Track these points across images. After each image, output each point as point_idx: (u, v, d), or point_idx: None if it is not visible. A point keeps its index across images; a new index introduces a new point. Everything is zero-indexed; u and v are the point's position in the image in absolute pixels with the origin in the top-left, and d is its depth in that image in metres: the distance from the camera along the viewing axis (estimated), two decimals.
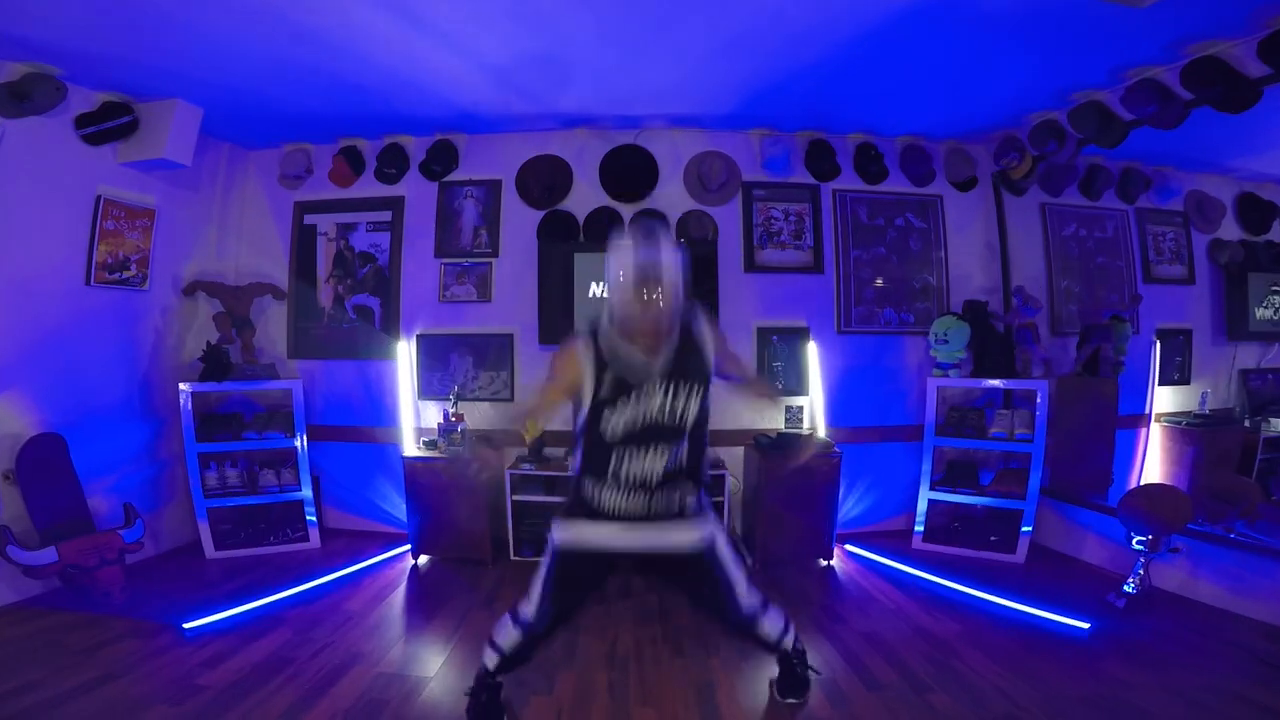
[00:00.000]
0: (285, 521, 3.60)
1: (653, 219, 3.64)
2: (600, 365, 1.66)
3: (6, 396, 2.79)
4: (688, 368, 1.68)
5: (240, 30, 2.54)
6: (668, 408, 1.67)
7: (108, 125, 3.04)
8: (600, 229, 3.64)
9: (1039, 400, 3.34)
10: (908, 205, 3.87)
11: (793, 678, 2.05)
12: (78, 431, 2.98)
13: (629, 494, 1.73)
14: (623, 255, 1.62)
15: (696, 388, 1.69)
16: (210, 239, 3.78)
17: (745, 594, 1.85)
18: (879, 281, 3.85)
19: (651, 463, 1.70)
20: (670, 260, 1.61)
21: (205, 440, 3.42)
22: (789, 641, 1.98)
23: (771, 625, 1.92)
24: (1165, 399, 3.68)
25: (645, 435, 1.68)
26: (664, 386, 1.66)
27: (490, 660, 1.91)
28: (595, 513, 1.77)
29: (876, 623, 2.64)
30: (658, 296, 1.59)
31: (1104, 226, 3.85)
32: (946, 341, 3.55)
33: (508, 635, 1.88)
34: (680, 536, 1.77)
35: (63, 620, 2.58)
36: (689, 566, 1.80)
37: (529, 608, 1.84)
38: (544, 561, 1.84)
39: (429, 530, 3.33)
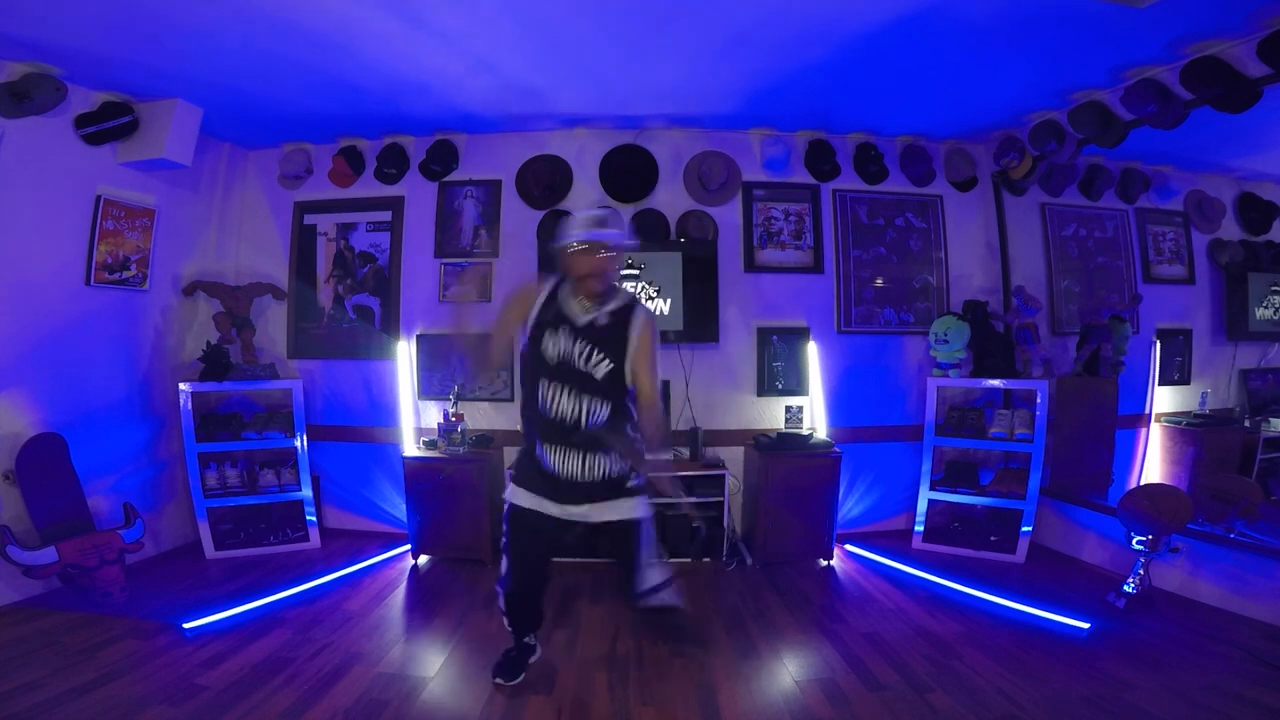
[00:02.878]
0: (285, 521, 3.60)
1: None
2: (550, 301, 1.95)
3: (6, 396, 2.79)
4: (605, 337, 1.90)
5: (240, 30, 2.54)
6: (581, 355, 1.89)
7: (108, 125, 3.04)
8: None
9: (1039, 400, 3.34)
10: (908, 205, 3.87)
11: (659, 622, 2.20)
12: (78, 431, 2.98)
13: (565, 451, 1.92)
14: (581, 219, 1.92)
15: (606, 357, 1.89)
16: (210, 239, 3.78)
17: (651, 577, 2.00)
18: (879, 281, 3.85)
19: (573, 405, 1.89)
20: (616, 233, 1.91)
21: (205, 440, 3.43)
22: (665, 598, 2.03)
23: (661, 598, 2.02)
24: (1165, 399, 3.67)
25: (566, 374, 1.89)
26: (582, 338, 1.89)
27: (506, 623, 2.18)
28: (542, 475, 1.97)
29: (876, 623, 2.64)
30: (600, 255, 1.86)
31: (1104, 226, 3.85)
32: (946, 341, 3.55)
33: (499, 599, 2.13)
34: (617, 510, 1.96)
35: (63, 620, 2.58)
36: (615, 536, 2.00)
37: (501, 569, 2.09)
38: (504, 519, 2.07)
39: (429, 530, 3.33)
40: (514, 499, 2.04)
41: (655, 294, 3.56)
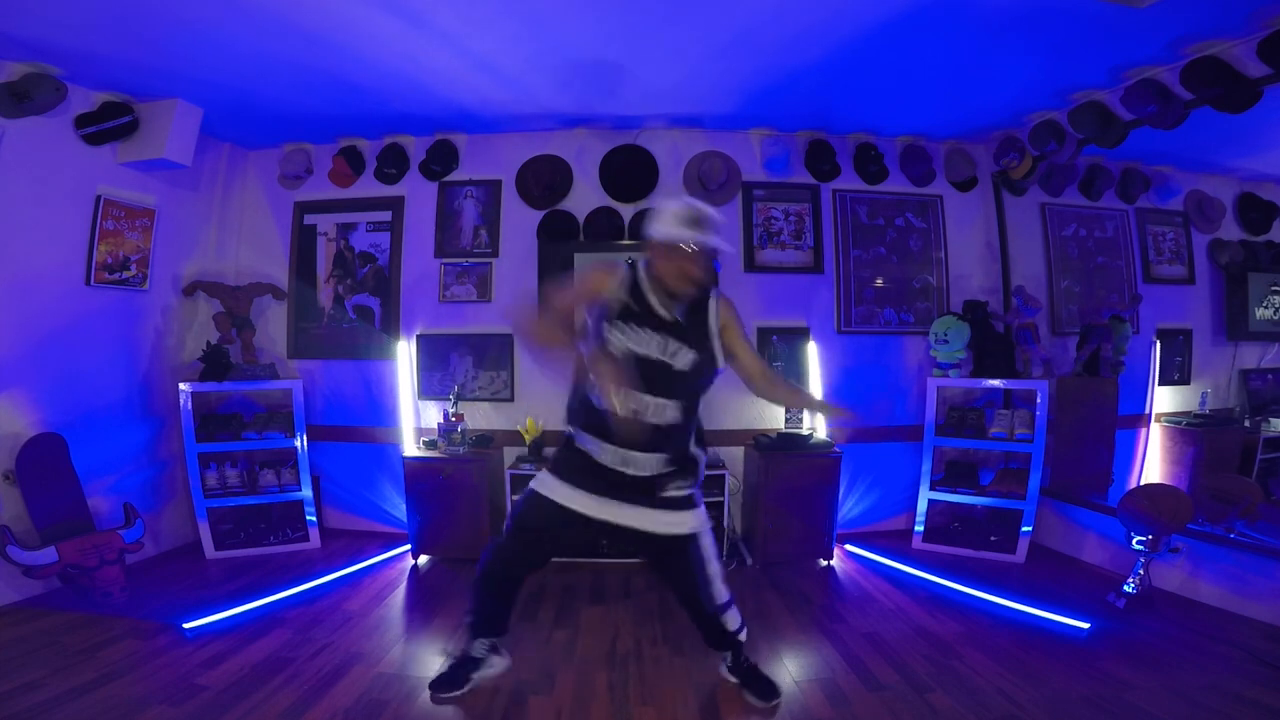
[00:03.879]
0: (285, 521, 3.60)
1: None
2: (627, 290, 1.82)
3: (6, 396, 2.79)
4: (685, 326, 1.82)
5: (240, 30, 2.54)
6: (662, 348, 1.78)
7: (108, 125, 3.04)
8: (600, 229, 3.64)
9: (1039, 400, 3.34)
10: (908, 205, 3.87)
11: (760, 681, 2.08)
12: (78, 431, 2.98)
13: (616, 447, 1.80)
14: (682, 215, 1.77)
15: (686, 345, 1.80)
16: (210, 239, 3.78)
17: (719, 590, 1.97)
18: (879, 281, 3.85)
19: (635, 399, 1.74)
20: (712, 235, 1.77)
21: (205, 440, 3.42)
22: (743, 637, 2.07)
23: (731, 620, 2.03)
24: (1165, 399, 3.67)
25: (638, 373, 1.74)
26: (661, 331, 1.79)
27: (466, 620, 2.10)
28: (576, 462, 1.89)
29: (877, 623, 2.64)
30: (690, 256, 1.75)
31: (1104, 226, 3.85)
32: (946, 341, 3.55)
33: (477, 564, 2.04)
34: (662, 523, 1.87)
35: (63, 620, 2.58)
36: (673, 553, 1.92)
37: (493, 545, 2.02)
38: (518, 501, 2.00)
39: (429, 530, 3.33)
40: (544, 489, 1.91)
41: None
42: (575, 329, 1.85)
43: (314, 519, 3.59)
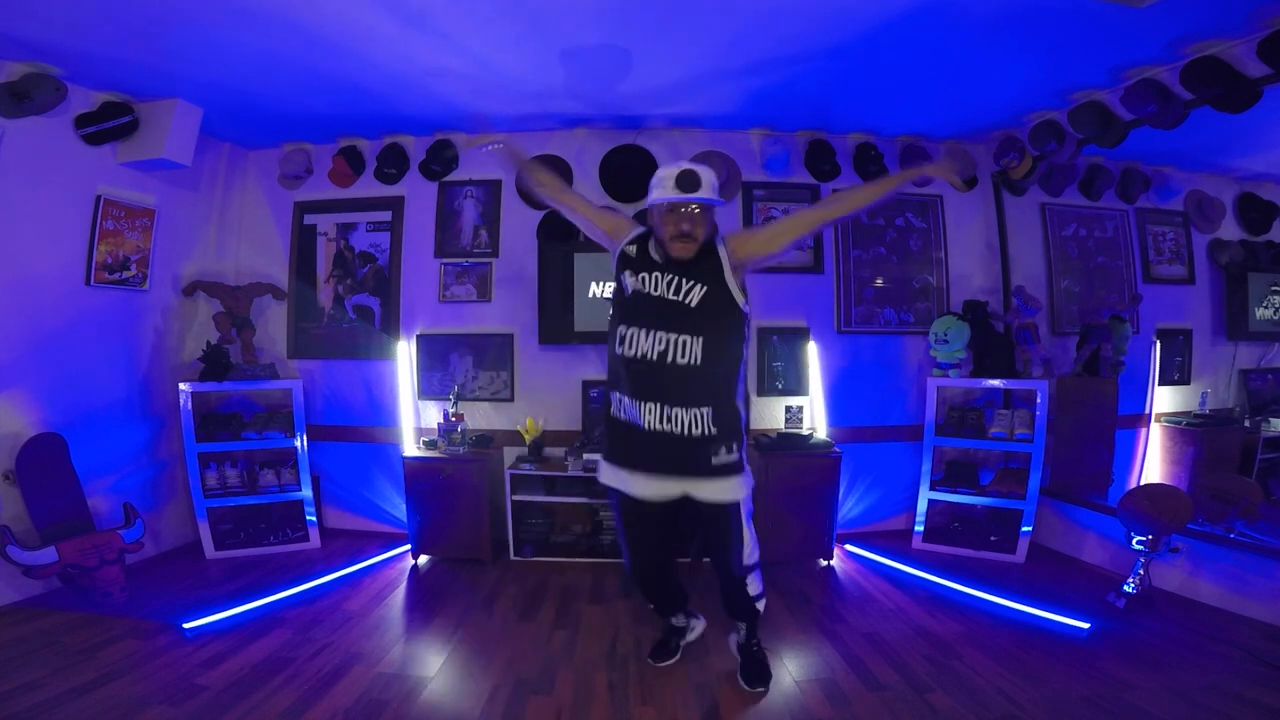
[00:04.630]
0: (285, 521, 3.60)
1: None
2: (636, 244, 1.94)
3: (6, 396, 2.79)
4: (698, 269, 1.84)
5: (240, 30, 2.53)
6: (673, 287, 1.83)
7: (108, 125, 3.04)
8: None
9: (1039, 400, 3.34)
10: (908, 205, 3.87)
11: (757, 665, 2.14)
12: (78, 431, 2.98)
13: (649, 404, 1.81)
14: (667, 176, 1.87)
15: (698, 282, 1.83)
16: (210, 239, 3.78)
17: (749, 553, 2.01)
18: (879, 281, 3.85)
19: (653, 342, 1.80)
20: (703, 192, 1.83)
21: (205, 440, 3.42)
22: (761, 607, 2.12)
23: (756, 583, 2.07)
24: (1165, 399, 3.67)
25: (645, 309, 1.83)
26: (669, 271, 1.85)
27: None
28: (623, 438, 1.90)
29: (877, 623, 2.64)
30: (684, 215, 1.82)
31: (1104, 226, 3.85)
32: (946, 341, 3.55)
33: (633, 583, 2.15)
34: (707, 492, 1.90)
35: (63, 620, 2.58)
36: (717, 519, 1.95)
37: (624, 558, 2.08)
38: (612, 505, 2.05)
39: (429, 530, 3.33)
40: (604, 478, 1.99)
41: None
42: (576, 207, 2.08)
43: (314, 519, 3.59)
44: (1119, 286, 3.81)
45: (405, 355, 3.68)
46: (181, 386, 3.38)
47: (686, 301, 1.81)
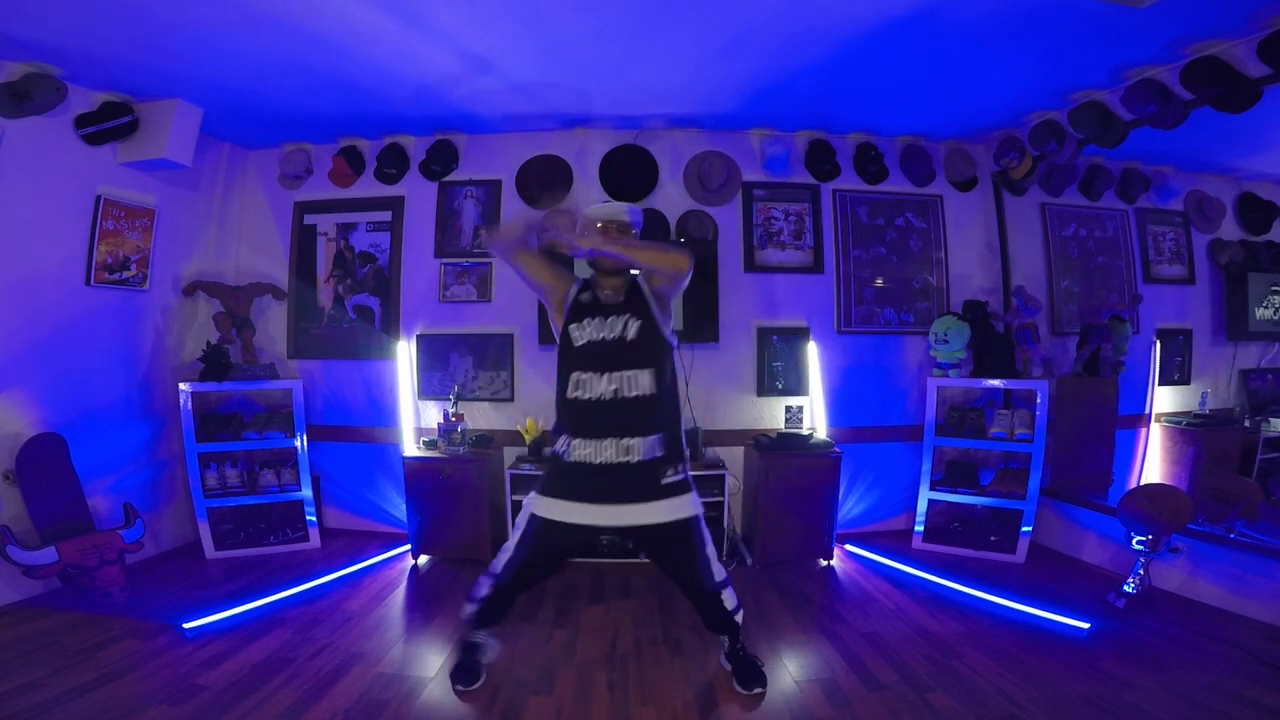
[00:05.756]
0: (285, 521, 3.60)
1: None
2: (579, 295, 2.03)
3: (6, 396, 2.79)
4: (627, 302, 1.99)
5: (240, 31, 2.54)
6: (614, 327, 1.94)
7: (108, 125, 3.04)
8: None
9: (1039, 400, 3.34)
10: (908, 205, 3.87)
11: (749, 669, 2.13)
12: (78, 431, 2.98)
13: (599, 440, 1.89)
14: (593, 208, 2.03)
15: (631, 314, 1.96)
16: (210, 239, 3.78)
17: (717, 567, 2.05)
18: (879, 281, 3.85)
19: (606, 382, 1.90)
20: (630, 212, 2.02)
21: (205, 440, 3.42)
22: (739, 618, 2.13)
23: (730, 597, 2.09)
24: (1165, 399, 3.67)
25: (596, 354, 1.92)
26: (610, 314, 1.96)
27: (468, 611, 2.13)
28: (563, 475, 1.95)
29: (877, 623, 2.64)
30: (614, 231, 1.97)
31: (1104, 226, 3.85)
32: (946, 341, 3.55)
33: (480, 587, 2.09)
34: (660, 511, 1.93)
35: (63, 620, 2.58)
36: (675, 538, 1.98)
37: (499, 561, 2.06)
38: (520, 524, 2.04)
39: (429, 530, 3.33)
40: (537, 509, 1.99)
41: None
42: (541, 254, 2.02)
43: (314, 519, 3.59)
44: (1119, 286, 3.81)
45: (405, 355, 3.68)
46: (181, 386, 3.38)
47: (627, 335, 1.93)
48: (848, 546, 3.55)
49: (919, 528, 3.56)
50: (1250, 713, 1.97)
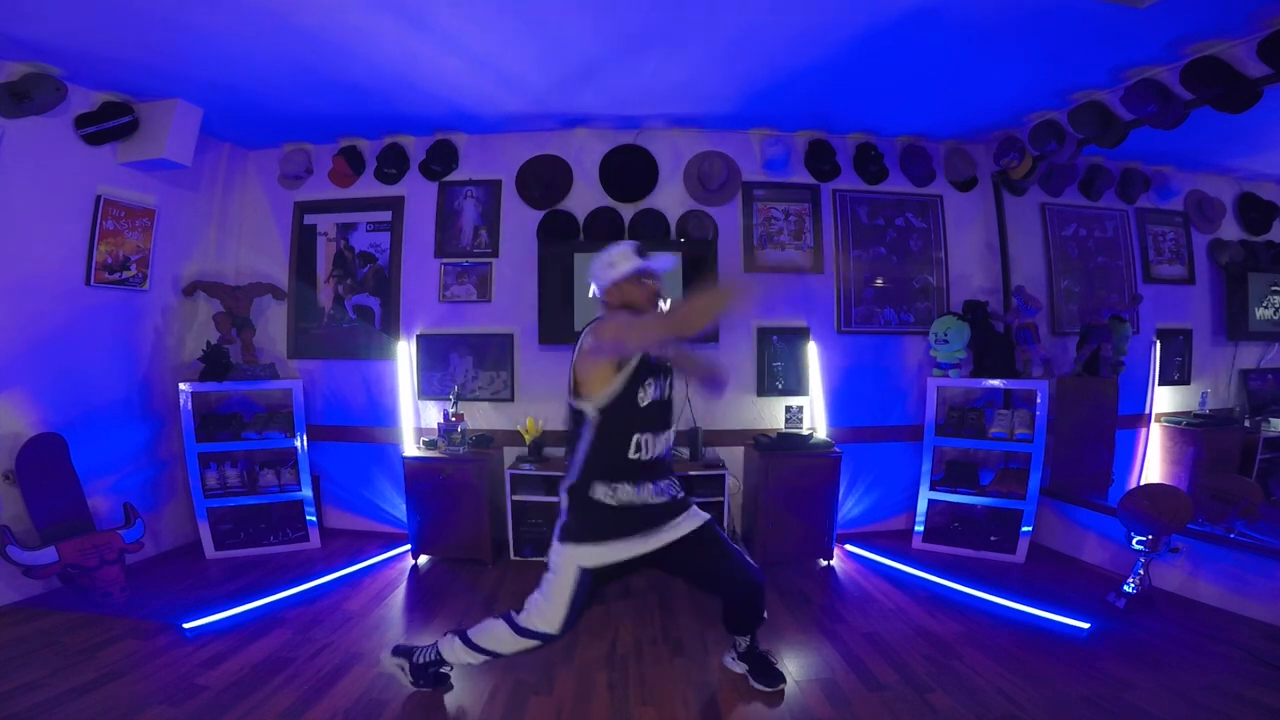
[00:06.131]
0: (285, 521, 3.60)
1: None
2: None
3: (6, 396, 2.79)
4: (664, 362, 1.99)
5: (240, 31, 2.54)
6: (665, 389, 1.96)
7: (108, 125, 3.04)
8: (600, 229, 3.64)
9: (1039, 400, 3.34)
10: (908, 205, 3.87)
11: (768, 666, 2.14)
12: (78, 431, 2.98)
13: (642, 484, 1.90)
14: (619, 254, 1.99)
15: (668, 377, 1.99)
16: (210, 239, 3.78)
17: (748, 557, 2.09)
18: (879, 281, 3.85)
19: (660, 442, 1.94)
20: (659, 261, 2.01)
21: (205, 440, 3.42)
22: (765, 614, 2.17)
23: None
24: (1165, 399, 3.68)
25: (656, 415, 1.92)
26: (662, 375, 1.95)
27: (457, 654, 2.00)
28: (617, 519, 1.87)
29: (877, 623, 2.64)
30: (654, 279, 1.98)
31: (1104, 226, 3.85)
32: (946, 341, 3.55)
33: (507, 642, 1.93)
34: (688, 522, 1.97)
35: (63, 620, 2.58)
36: (703, 544, 1.97)
37: (543, 622, 1.88)
38: (567, 583, 1.86)
39: (429, 530, 3.33)
40: (585, 562, 1.86)
41: None
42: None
43: (314, 519, 3.59)
44: (1119, 286, 3.81)
45: (405, 355, 3.68)
46: (181, 386, 3.38)
47: (671, 395, 1.99)
48: (848, 546, 3.55)
49: (919, 528, 3.56)
50: (1250, 713, 1.97)
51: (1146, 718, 1.94)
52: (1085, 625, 2.53)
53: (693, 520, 1.98)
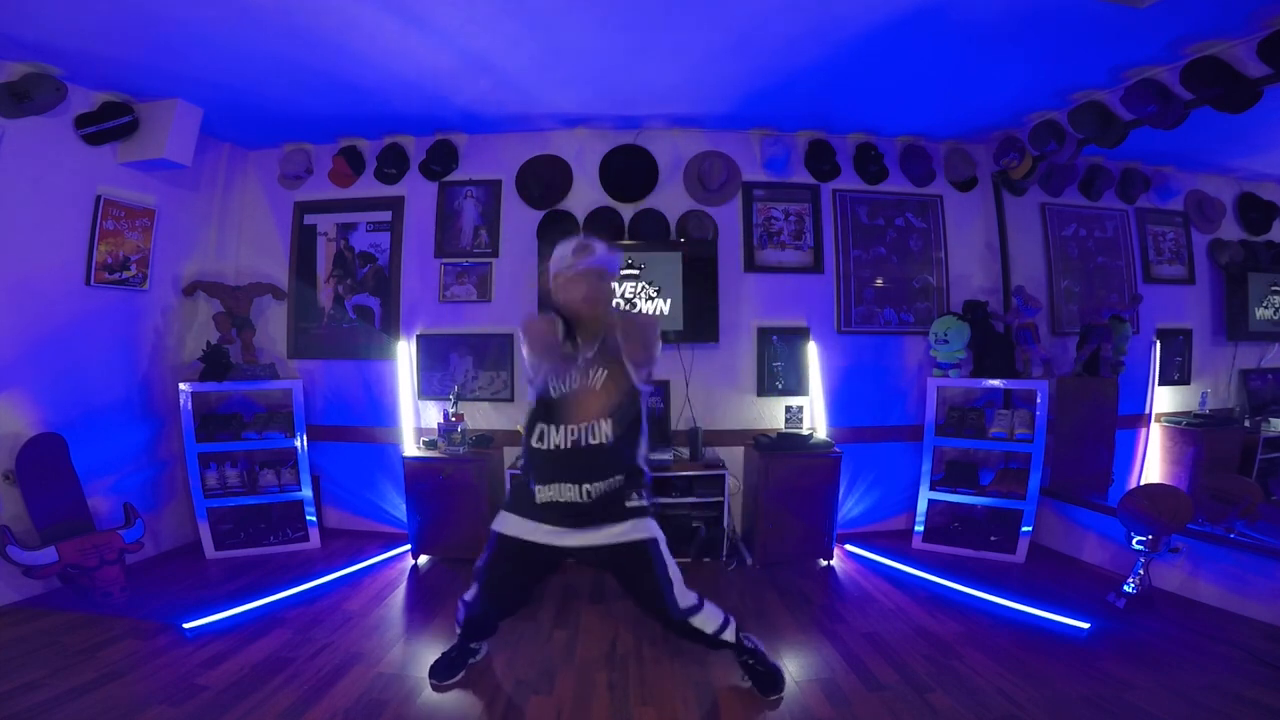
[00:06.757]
0: (285, 521, 3.60)
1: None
2: (563, 336, 1.95)
3: (6, 396, 2.79)
4: (601, 355, 1.93)
5: (240, 30, 2.54)
6: (586, 377, 1.90)
7: (108, 125, 3.04)
8: (600, 229, 3.64)
9: (1039, 400, 3.34)
10: (908, 205, 3.87)
11: (763, 675, 2.10)
12: (78, 431, 2.98)
13: (552, 476, 1.90)
14: (564, 250, 1.90)
15: (602, 368, 1.90)
16: (210, 239, 3.78)
17: (681, 592, 1.96)
18: (879, 281, 3.85)
19: (569, 432, 1.87)
20: (593, 255, 1.87)
21: (205, 440, 3.42)
22: (730, 635, 2.06)
23: (708, 619, 2.01)
24: (1165, 399, 3.67)
25: (563, 405, 1.87)
26: (586, 366, 1.91)
27: (459, 615, 2.17)
28: (521, 498, 1.98)
29: (877, 623, 2.64)
30: (578, 277, 1.86)
31: (1104, 226, 3.85)
32: (946, 341, 3.55)
33: (460, 611, 2.15)
34: (620, 533, 1.91)
35: (63, 620, 2.58)
36: (629, 561, 1.94)
37: (470, 592, 2.09)
38: (486, 548, 2.04)
39: (429, 530, 3.33)
40: (502, 527, 1.99)
41: (655, 294, 3.56)
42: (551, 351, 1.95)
43: (314, 519, 3.59)
44: (1119, 286, 3.81)
45: (405, 355, 3.68)
46: (181, 386, 3.38)
47: (595, 385, 1.88)
48: (848, 546, 3.55)
49: (919, 528, 3.56)
50: (1250, 713, 1.97)
51: (1146, 718, 1.94)
52: (1085, 625, 2.53)
53: (623, 534, 1.90)
